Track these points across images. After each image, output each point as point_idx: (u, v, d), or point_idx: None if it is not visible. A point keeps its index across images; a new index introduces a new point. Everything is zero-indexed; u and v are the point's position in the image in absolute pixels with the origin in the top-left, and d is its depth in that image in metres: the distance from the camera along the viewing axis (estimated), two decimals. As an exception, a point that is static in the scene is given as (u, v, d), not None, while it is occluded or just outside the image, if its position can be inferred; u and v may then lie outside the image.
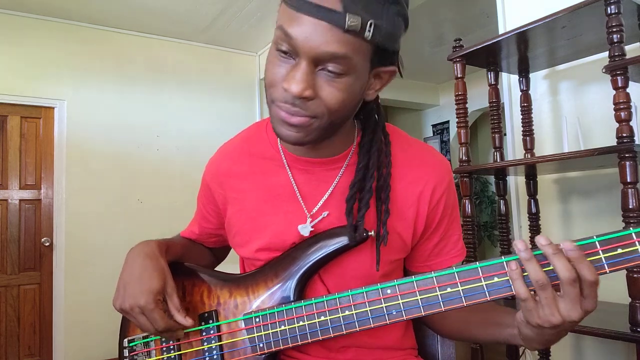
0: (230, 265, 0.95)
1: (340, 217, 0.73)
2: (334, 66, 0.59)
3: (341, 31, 0.57)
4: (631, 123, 1.26)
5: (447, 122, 5.62)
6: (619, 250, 0.55)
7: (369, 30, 0.57)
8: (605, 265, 0.55)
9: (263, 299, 0.74)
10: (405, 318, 0.64)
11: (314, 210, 0.74)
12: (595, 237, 0.56)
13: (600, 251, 0.55)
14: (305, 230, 0.73)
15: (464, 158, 1.72)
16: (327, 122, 0.63)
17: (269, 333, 0.71)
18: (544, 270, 0.55)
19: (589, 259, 0.55)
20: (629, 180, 1.24)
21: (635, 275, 1.22)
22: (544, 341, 0.60)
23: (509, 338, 0.67)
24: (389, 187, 0.72)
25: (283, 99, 0.61)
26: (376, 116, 0.76)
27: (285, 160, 0.77)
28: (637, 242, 0.54)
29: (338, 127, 0.68)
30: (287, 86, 0.60)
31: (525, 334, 0.60)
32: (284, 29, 0.59)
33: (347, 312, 0.66)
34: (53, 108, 3.40)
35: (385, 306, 0.64)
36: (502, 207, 1.87)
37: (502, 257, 0.60)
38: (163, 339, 0.77)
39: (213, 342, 0.75)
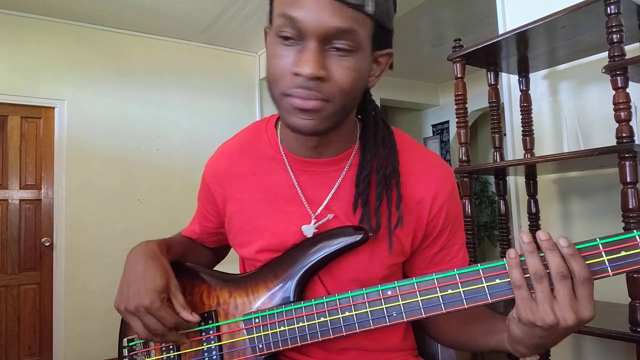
0: (230, 265, 0.95)
1: (344, 217, 0.73)
2: (342, 43, 0.59)
3: (345, 6, 0.58)
4: (631, 123, 1.26)
5: (447, 122, 5.62)
6: (622, 253, 0.54)
7: (370, 5, 0.59)
8: (609, 267, 0.54)
9: (263, 299, 0.74)
10: (405, 320, 0.63)
11: (318, 212, 0.74)
12: (598, 239, 0.55)
13: (603, 253, 0.55)
14: (309, 231, 0.73)
15: (464, 158, 1.72)
16: (340, 106, 0.63)
17: (269, 334, 0.71)
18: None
19: (592, 260, 0.54)
20: (628, 180, 1.24)
21: (635, 275, 1.22)
22: (533, 345, 0.58)
23: (499, 343, 0.65)
24: (397, 173, 0.71)
25: (295, 85, 0.60)
26: (373, 111, 0.76)
27: (286, 161, 0.77)
28: None
29: (347, 115, 0.68)
30: (299, 69, 0.59)
31: (516, 334, 0.58)
32: (287, 14, 0.59)
33: (347, 313, 0.66)
34: (53, 108, 3.40)
35: (386, 307, 0.64)
36: (502, 207, 1.87)
37: (504, 259, 0.59)
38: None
39: (212, 342, 0.74)
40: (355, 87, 0.63)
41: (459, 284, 0.61)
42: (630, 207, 1.23)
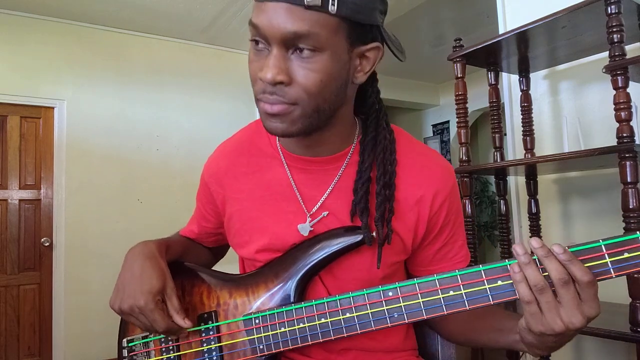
0: (230, 265, 0.95)
1: (339, 216, 0.73)
2: (303, 45, 0.59)
3: (302, 8, 0.57)
4: (631, 123, 1.26)
5: (447, 122, 5.62)
6: (625, 255, 0.54)
7: (333, 4, 0.57)
8: (611, 269, 0.54)
9: (263, 299, 0.74)
10: (407, 321, 0.63)
11: (314, 210, 0.74)
12: (600, 240, 0.55)
13: (606, 255, 0.54)
14: (304, 230, 0.73)
15: (464, 158, 1.71)
16: (311, 107, 0.63)
17: (269, 334, 0.71)
18: (544, 276, 0.55)
19: (595, 262, 0.54)
20: (629, 180, 1.23)
21: (636, 275, 1.22)
22: (547, 347, 0.60)
23: (512, 344, 0.66)
24: (393, 186, 0.71)
25: (262, 90, 0.62)
26: (377, 113, 0.74)
27: (283, 159, 0.77)
28: None
29: (328, 114, 0.66)
30: (262, 75, 0.60)
31: (528, 340, 0.60)
32: (251, 21, 0.61)
33: (347, 315, 0.66)
34: (53, 108, 3.40)
35: (387, 309, 0.64)
36: (502, 207, 1.86)
37: (507, 260, 0.59)
38: (162, 339, 0.77)
39: (213, 343, 0.74)
40: (325, 88, 0.62)
41: (461, 285, 0.61)
42: (630, 207, 1.23)
